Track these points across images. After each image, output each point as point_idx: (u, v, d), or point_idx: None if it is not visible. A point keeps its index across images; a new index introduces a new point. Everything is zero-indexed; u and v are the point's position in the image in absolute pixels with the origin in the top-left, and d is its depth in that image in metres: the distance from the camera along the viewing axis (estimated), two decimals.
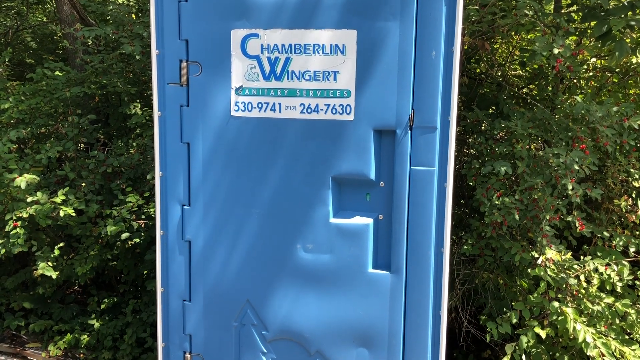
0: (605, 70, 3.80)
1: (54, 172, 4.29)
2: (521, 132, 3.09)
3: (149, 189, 4.17)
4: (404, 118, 2.32)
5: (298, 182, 2.46)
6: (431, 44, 2.28)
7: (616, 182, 3.40)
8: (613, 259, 3.08)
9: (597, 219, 3.42)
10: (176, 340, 2.69)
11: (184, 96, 2.52)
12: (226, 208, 2.55)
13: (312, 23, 2.36)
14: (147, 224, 4.05)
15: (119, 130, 4.85)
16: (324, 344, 2.52)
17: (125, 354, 4.16)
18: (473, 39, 3.44)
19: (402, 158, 2.34)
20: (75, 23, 4.83)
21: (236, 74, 2.46)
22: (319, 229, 2.46)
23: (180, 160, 2.56)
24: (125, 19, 4.29)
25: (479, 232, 3.36)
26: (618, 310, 2.94)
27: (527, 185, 3.00)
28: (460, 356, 3.86)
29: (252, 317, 2.60)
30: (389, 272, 2.42)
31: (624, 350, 2.84)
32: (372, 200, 2.45)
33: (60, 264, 4.13)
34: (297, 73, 2.41)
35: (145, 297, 4.36)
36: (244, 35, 2.43)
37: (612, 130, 3.02)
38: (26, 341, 4.49)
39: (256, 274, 2.56)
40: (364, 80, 2.34)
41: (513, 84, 4.06)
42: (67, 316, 4.54)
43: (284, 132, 2.45)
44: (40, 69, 4.46)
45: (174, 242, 2.62)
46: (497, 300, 3.50)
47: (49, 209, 3.69)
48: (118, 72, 4.43)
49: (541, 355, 3.07)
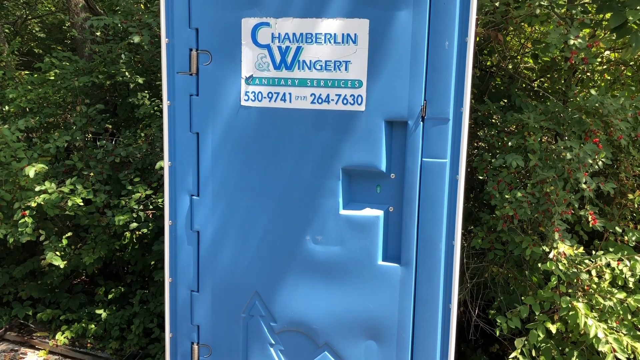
0: (620, 63, 3.74)
1: (62, 161, 4.29)
2: (533, 125, 3.05)
3: (157, 179, 4.16)
4: (416, 109, 2.28)
5: (308, 173, 2.44)
6: (444, 34, 2.24)
7: (629, 177, 3.35)
8: (625, 254, 3.04)
9: (609, 214, 3.38)
10: (184, 330, 2.68)
11: (193, 85, 2.49)
12: (235, 199, 2.53)
13: (323, 12, 2.33)
14: (155, 215, 4.05)
15: (127, 120, 4.84)
16: (332, 336, 2.51)
17: (132, 344, 4.17)
18: (486, 30, 3.40)
19: (414, 150, 2.31)
20: (84, 12, 4.81)
21: (246, 63, 2.44)
22: (329, 221, 2.43)
23: (189, 150, 2.54)
24: (134, 8, 4.27)
25: (489, 226, 3.33)
26: (630, 306, 2.91)
27: (539, 179, 2.97)
28: (469, 350, 3.84)
29: (261, 309, 2.59)
30: (399, 265, 2.40)
31: (635, 346, 2.81)
32: (383, 192, 2.43)
33: (68, 253, 4.13)
34: (308, 63, 2.38)
35: (152, 288, 4.36)
36: (255, 24, 2.40)
37: (627, 123, 2.97)
38: (34, 330, 4.51)
39: (265, 265, 2.54)
40: (375, 71, 2.31)
41: (525, 76, 4.01)
42: (75, 306, 4.55)
43: (294, 123, 2.42)
44: (48, 58, 4.45)
45: (183, 233, 2.61)
46: (506, 294, 3.48)
47: (57, 199, 3.69)
48: (126, 61, 4.41)
49: (551, 351, 3.04)
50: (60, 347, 4.26)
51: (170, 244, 2.62)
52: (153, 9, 4.34)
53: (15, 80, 4.60)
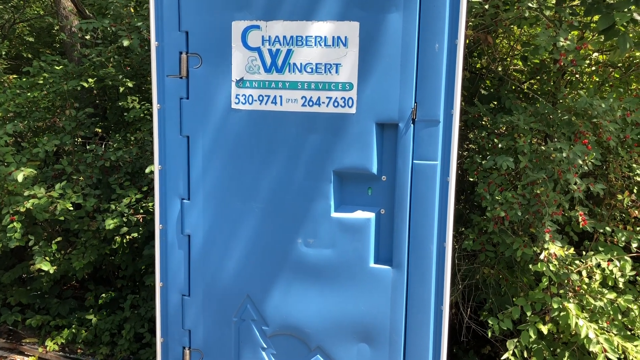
0: (608, 65, 3.77)
1: (51, 166, 4.25)
2: (523, 127, 3.06)
3: (147, 183, 4.13)
4: (407, 111, 2.29)
5: (299, 176, 2.43)
6: (434, 37, 2.25)
7: (618, 178, 3.38)
8: (615, 254, 3.06)
9: (599, 215, 3.40)
10: (175, 335, 2.67)
11: (183, 88, 2.49)
12: (226, 202, 2.52)
13: (314, 15, 2.33)
14: (146, 219, 4.02)
15: (117, 124, 4.81)
16: (324, 340, 2.50)
17: (123, 349, 4.13)
18: (475, 32, 3.41)
19: (405, 152, 2.32)
20: (73, 16, 4.78)
21: (237, 66, 2.43)
22: (320, 224, 2.43)
23: (179, 154, 2.53)
24: (124, 12, 4.25)
25: (480, 227, 3.34)
26: (620, 306, 2.92)
27: (530, 180, 2.98)
28: (461, 352, 3.84)
29: (252, 313, 2.57)
30: (390, 267, 2.40)
31: (626, 346, 2.82)
32: (374, 194, 2.43)
33: (57, 258, 4.09)
34: (298, 65, 2.38)
35: (143, 292, 4.33)
36: (245, 26, 2.40)
37: (616, 124, 3.00)
38: (23, 336, 4.46)
39: (257, 268, 2.54)
40: (366, 73, 2.31)
41: (514, 78, 4.03)
42: (65, 311, 4.50)
43: (285, 126, 2.42)
44: (37, 62, 4.42)
45: (173, 237, 2.59)
46: (497, 296, 3.49)
47: (46, 203, 3.65)
48: (116, 65, 4.39)
49: (542, 351, 3.05)
50: (49, 353, 4.22)
51: (161, 248, 2.61)
52: (143, 12, 4.33)
53: (3, 85, 4.56)
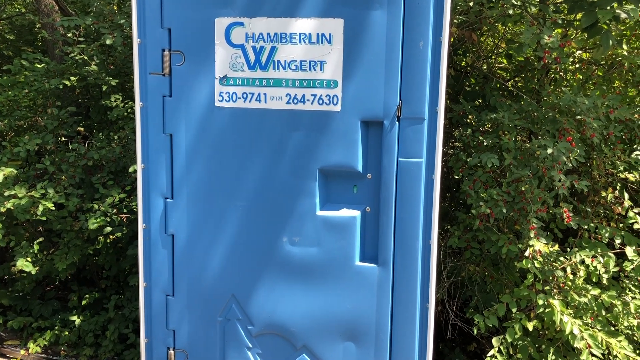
0: (591, 62, 3.79)
1: (33, 165, 4.19)
2: (508, 124, 3.07)
3: (130, 182, 4.09)
4: (392, 109, 2.28)
5: (284, 175, 2.42)
6: (419, 34, 2.24)
7: (602, 174, 3.40)
8: (599, 251, 3.08)
9: (583, 211, 3.42)
10: (159, 335, 2.64)
11: (166, 86, 2.46)
12: (210, 201, 2.50)
13: (297, 11, 2.31)
14: (129, 218, 3.98)
15: (100, 123, 4.76)
16: (310, 338, 2.49)
17: (107, 350, 4.09)
18: (460, 30, 3.41)
19: (390, 149, 2.31)
20: (55, 13, 4.72)
21: (220, 63, 2.41)
22: (306, 222, 2.42)
23: (162, 152, 2.50)
24: (106, 9, 4.20)
25: (465, 225, 3.34)
26: (604, 302, 2.94)
27: (515, 177, 2.99)
28: (447, 349, 3.85)
29: (237, 312, 2.55)
30: (376, 265, 2.39)
31: (610, 342, 2.84)
32: (360, 192, 2.42)
33: (39, 259, 4.04)
34: (282, 63, 2.36)
35: (127, 293, 4.29)
36: (228, 23, 2.38)
37: (599, 122, 3.02)
38: (5, 338, 4.40)
39: (241, 268, 2.52)
40: (351, 71, 2.30)
41: (499, 76, 4.05)
42: (47, 312, 4.45)
43: (270, 123, 2.40)
44: (18, 60, 4.35)
45: (157, 236, 2.56)
46: (483, 293, 3.50)
47: (28, 203, 3.60)
48: (99, 63, 4.34)
49: (527, 348, 3.06)
50: (32, 355, 4.16)
51: (145, 247, 2.58)
52: (126, 10, 4.28)
53: None
